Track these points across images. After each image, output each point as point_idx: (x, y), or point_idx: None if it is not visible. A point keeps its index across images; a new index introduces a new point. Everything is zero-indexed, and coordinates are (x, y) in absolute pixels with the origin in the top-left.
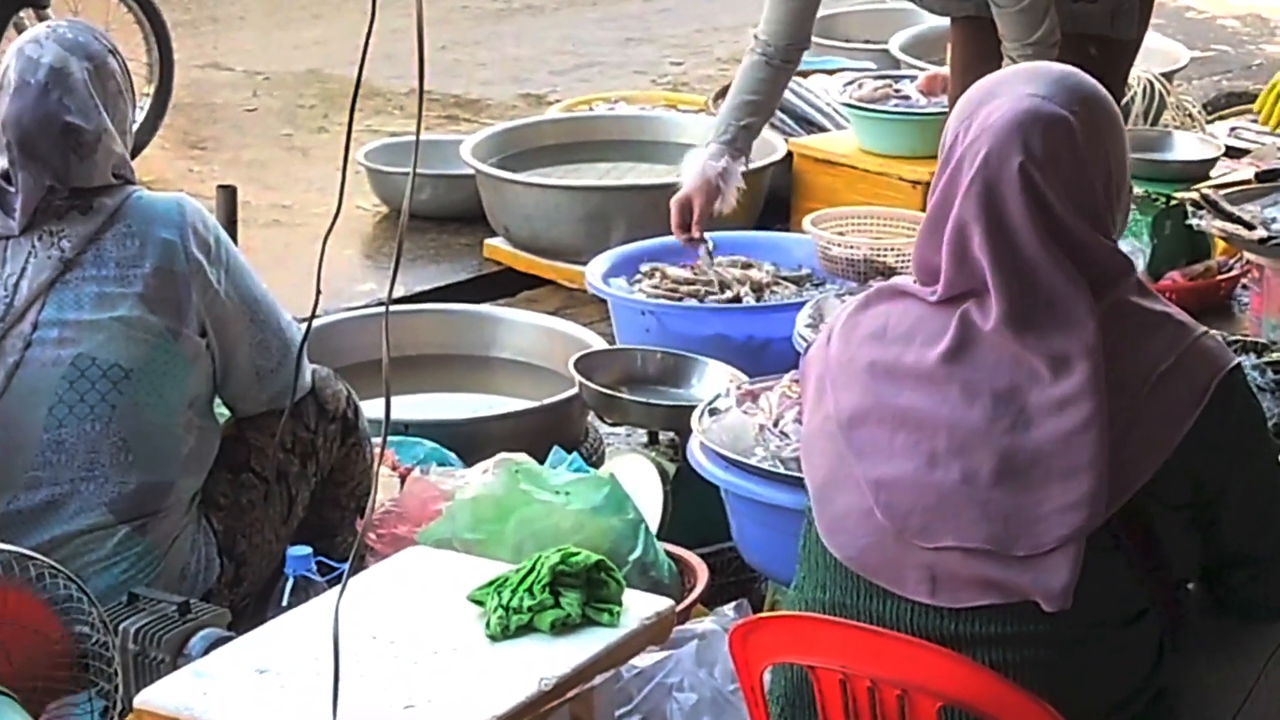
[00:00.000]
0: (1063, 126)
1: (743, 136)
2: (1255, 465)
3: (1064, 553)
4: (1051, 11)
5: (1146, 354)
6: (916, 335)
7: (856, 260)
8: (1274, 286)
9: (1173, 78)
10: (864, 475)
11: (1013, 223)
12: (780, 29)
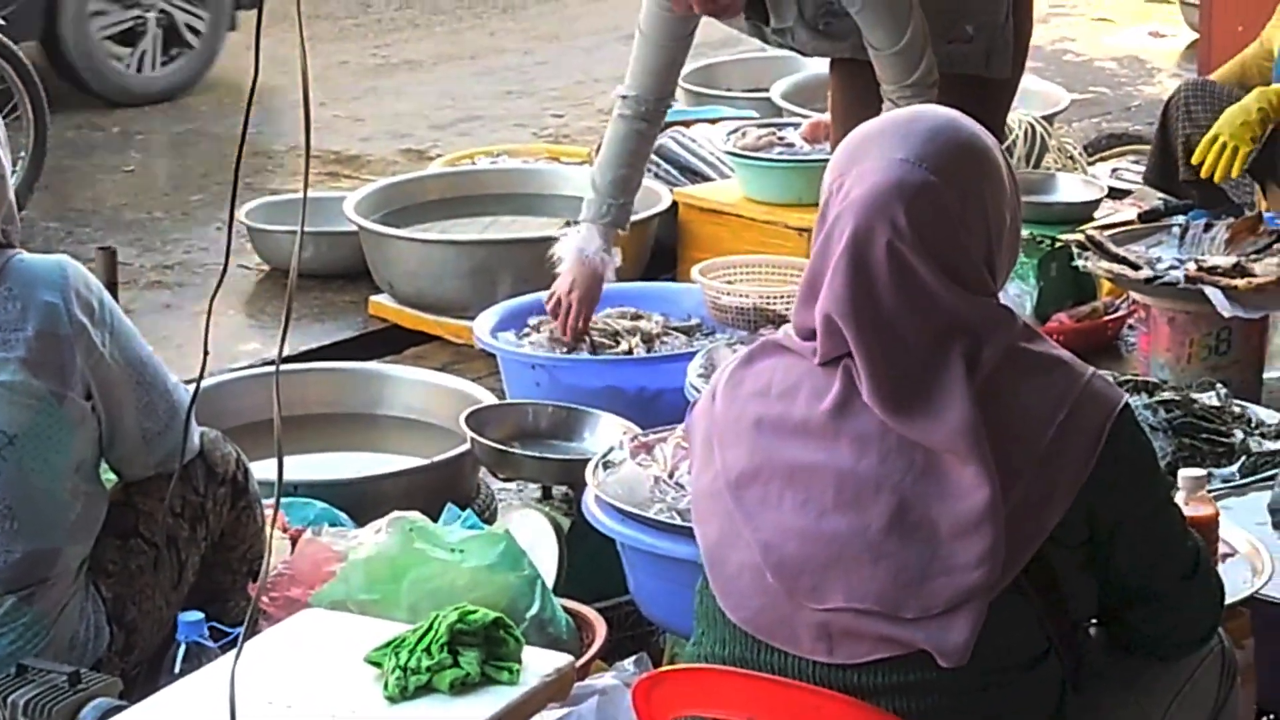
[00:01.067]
0: (931, 194)
1: (621, 215)
2: (1148, 502)
3: (960, 613)
4: (928, 53)
5: (1042, 402)
6: (802, 390)
7: (746, 309)
8: (1161, 326)
9: (1053, 120)
10: (753, 536)
11: (882, 302)
12: (649, 81)
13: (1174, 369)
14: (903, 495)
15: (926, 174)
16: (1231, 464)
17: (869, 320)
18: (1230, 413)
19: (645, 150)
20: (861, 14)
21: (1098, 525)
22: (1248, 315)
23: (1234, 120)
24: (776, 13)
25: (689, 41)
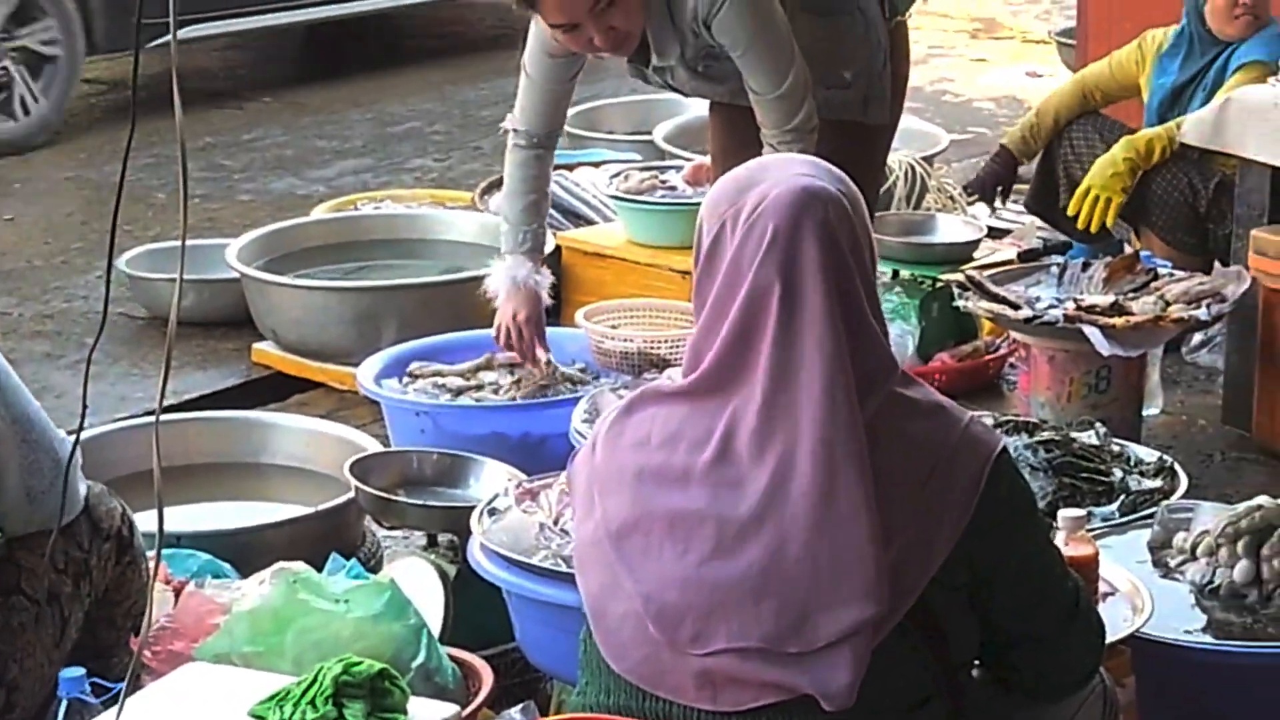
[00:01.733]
0: (840, 204)
1: (538, 239)
2: (1027, 544)
3: (842, 651)
4: (809, 98)
5: (922, 446)
6: (682, 438)
7: (631, 353)
8: (1041, 365)
9: (933, 161)
10: (635, 587)
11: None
12: (537, 119)
13: (1054, 408)
14: (784, 533)
15: (830, 187)
16: (1111, 503)
17: (792, 295)
18: (1109, 451)
19: (547, 174)
20: (743, 59)
21: (978, 567)
22: (1125, 354)
23: (1104, 172)
24: (659, 51)
25: (573, 85)
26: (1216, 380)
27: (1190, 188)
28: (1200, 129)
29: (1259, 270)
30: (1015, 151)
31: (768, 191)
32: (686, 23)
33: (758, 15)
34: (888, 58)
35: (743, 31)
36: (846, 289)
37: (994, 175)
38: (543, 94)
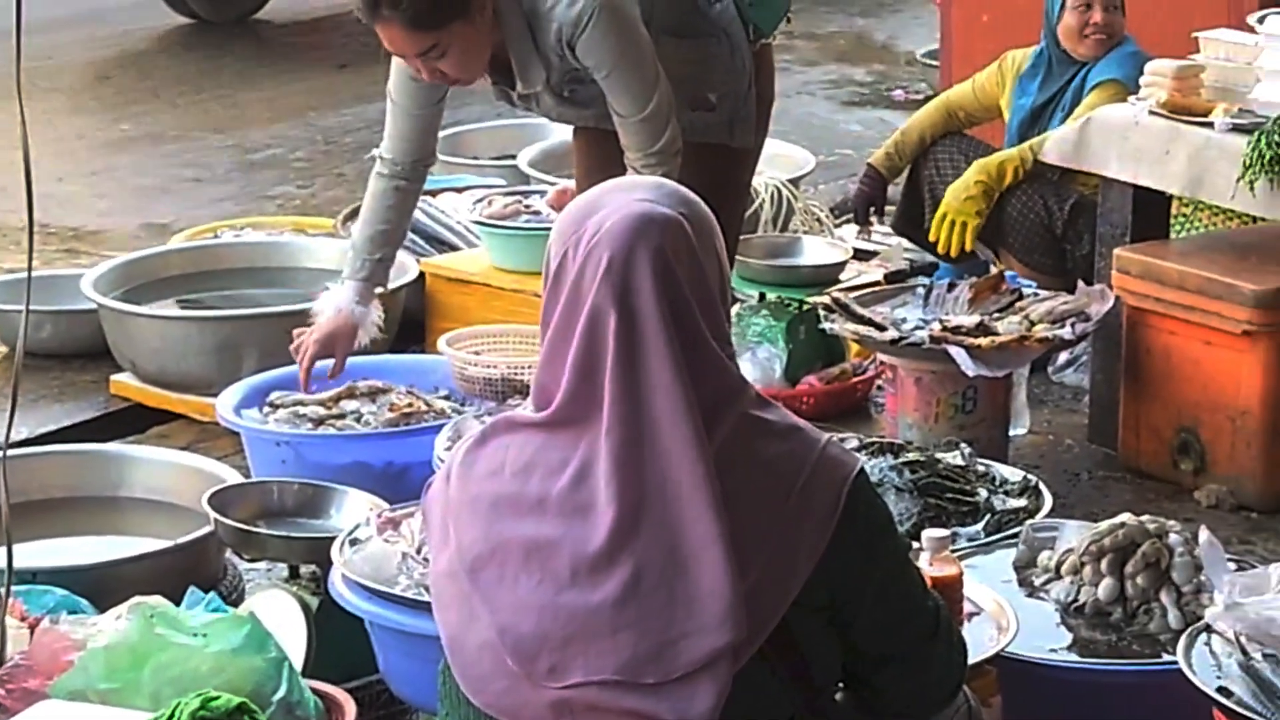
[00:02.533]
0: (679, 226)
1: (378, 271)
2: (886, 565)
3: (702, 680)
4: (673, 121)
5: (779, 469)
6: (537, 467)
7: (494, 379)
8: (908, 386)
9: (799, 183)
10: (491, 619)
11: (646, 331)
12: (405, 146)
13: (922, 429)
14: (639, 563)
15: (670, 210)
16: (977, 523)
17: (630, 326)
18: (975, 471)
19: (406, 207)
20: (607, 80)
21: (837, 589)
22: (991, 374)
23: (958, 196)
24: (524, 78)
25: (441, 108)
26: (1083, 399)
27: (1046, 209)
28: (1062, 148)
29: (1122, 289)
30: (882, 170)
31: (606, 219)
32: (550, 46)
33: (622, 37)
34: (753, 80)
35: (607, 53)
36: (685, 314)
37: (864, 196)
38: (409, 119)
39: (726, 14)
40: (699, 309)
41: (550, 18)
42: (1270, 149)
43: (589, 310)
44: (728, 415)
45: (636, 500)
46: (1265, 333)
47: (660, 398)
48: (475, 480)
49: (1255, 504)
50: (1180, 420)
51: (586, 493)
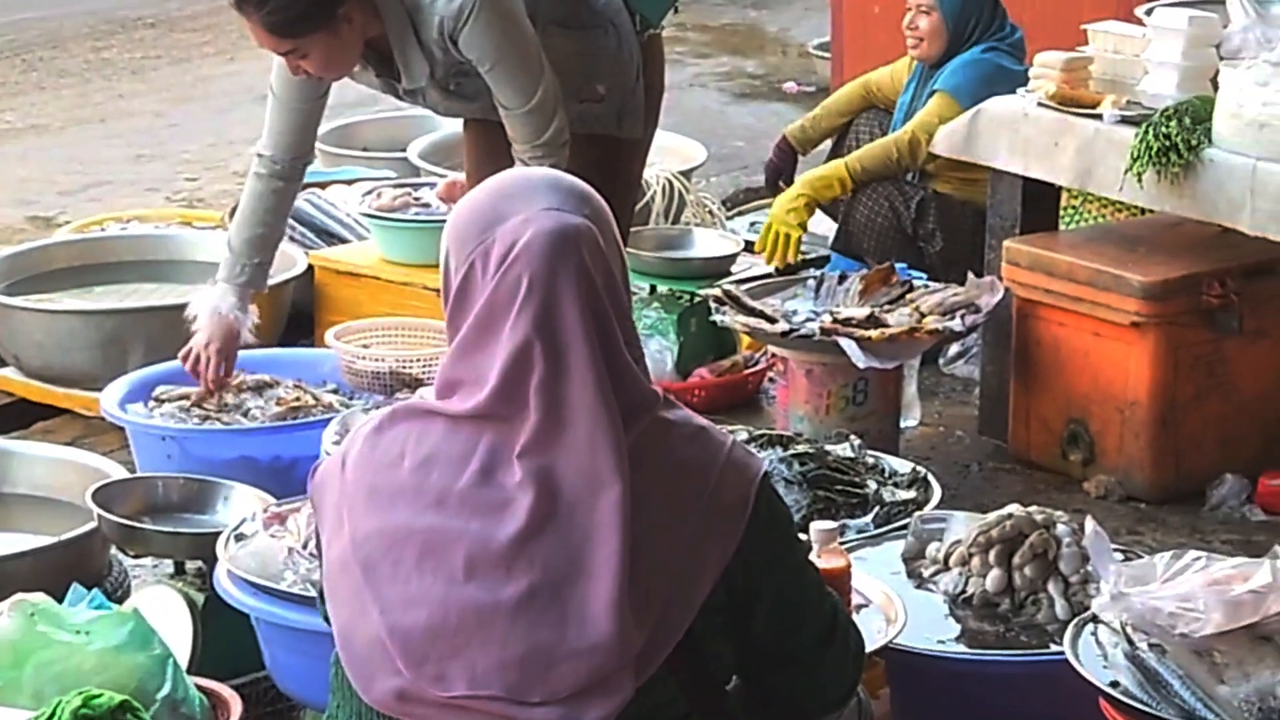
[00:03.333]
0: (592, 237)
1: (258, 275)
2: (786, 567)
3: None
4: (560, 113)
5: (688, 474)
6: (440, 457)
7: (382, 373)
8: (799, 378)
9: (691, 175)
10: (381, 617)
11: (570, 353)
12: (286, 141)
13: (813, 421)
14: (538, 572)
15: (580, 218)
16: (866, 515)
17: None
18: (864, 463)
19: (284, 209)
20: (492, 73)
21: (737, 590)
22: (882, 366)
23: (783, 208)
24: (408, 73)
25: (323, 102)
26: (973, 391)
27: (893, 209)
28: (951, 140)
29: (1012, 281)
30: (795, 141)
31: (519, 232)
32: (433, 40)
33: (505, 29)
34: (641, 71)
35: (490, 46)
36: (606, 330)
37: (774, 167)
38: (290, 113)
39: (613, 5)
40: (615, 317)
41: (432, 11)
42: (1157, 141)
43: (515, 335)
44: (641, 423)
45: (547, 514)
46: (1153, 324)
47: (582, 422)
48: (373, 468)
49: (1143, 494)
50: (1069, 411)
51: (492, 491)
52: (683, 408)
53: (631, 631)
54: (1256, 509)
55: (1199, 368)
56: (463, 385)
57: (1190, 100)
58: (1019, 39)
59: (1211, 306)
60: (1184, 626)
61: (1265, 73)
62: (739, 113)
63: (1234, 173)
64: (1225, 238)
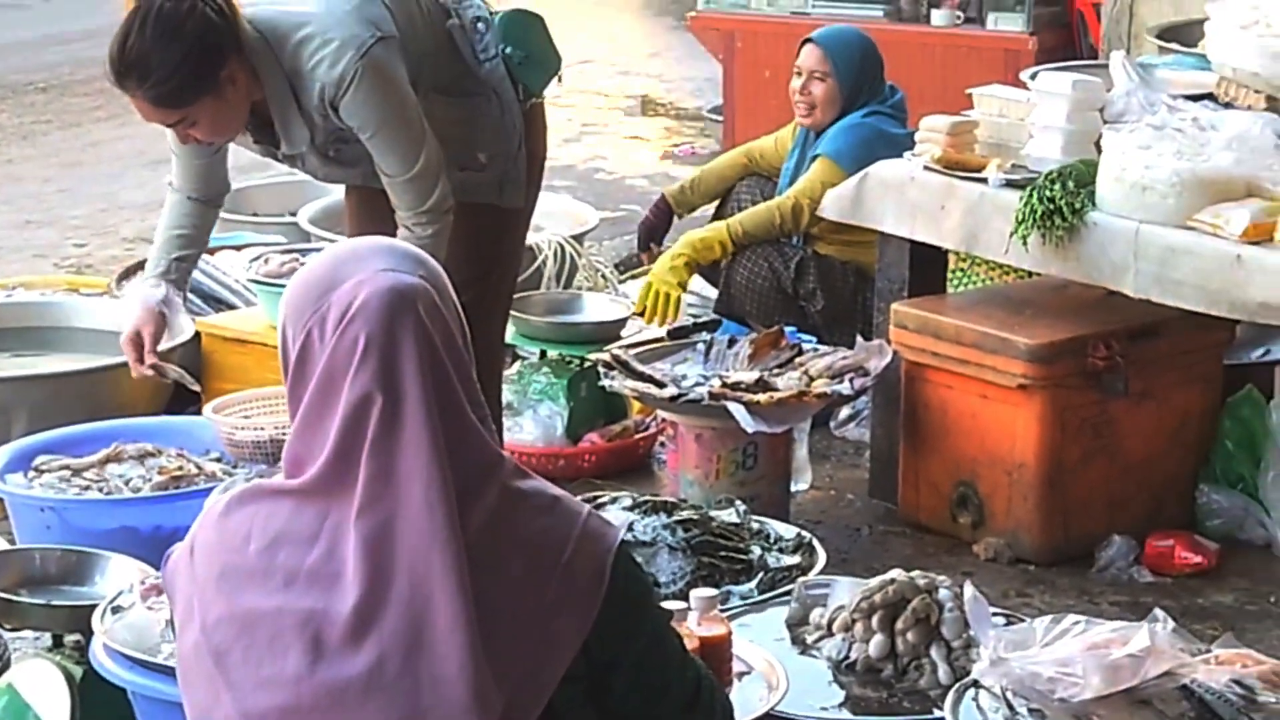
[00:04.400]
0: (428, 296)
1: (178, 269)
2: (645, 635)
3: None
4: (443, 179)
5: (542, 545)
6: (286, 537)
7: (263, 442)
8: (689, 443)
9: (583, 239)
10: (233, 704)
11: (406, 410)
12: (195, 184)
13: (703, 486)
14: (385, 643)
15: (417, 279)
16: (750, 580)
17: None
18: (749, 529)
19: (202, 222)
20: (373, 141)
21: (596, 660)
22: (771, 430)
23: (663, 268)
24: (288, 139)
25: (222, 153)
26: (864, 454)
27: (772, 270)
28: (839, 204)
29: (900, 344)
30: (673, 202)
31: (355, 294)
32: (314, 106)
33: (386, 96)
34: (523, 140)
35: (371, 113)
36: (446, 389)
37: (648, 224)
38: (191, 166)
39: (496, 73)
40: (457, 378)
41: (313, 78)
42: (1042, 204)
43: (348, 394)
44: (487, 490)
45: (384, 581)
46: (1039, 386)
47: (415, 482)
48: (221, 553)
49: (1032, 557)
50: (958, 474)
51: (336, 567)
52: (536, 477)
53: (491, 693)
54: (1144, 570)
55: (1086, 430)
56: (307, 459)
57: (1074, 164)
58: (900, 100)
59: (1098, 369)
60: (1063, 691)
61: (1148, 136)
62: (634, 175)
63: (1117, 236)
64: (1111, 300)
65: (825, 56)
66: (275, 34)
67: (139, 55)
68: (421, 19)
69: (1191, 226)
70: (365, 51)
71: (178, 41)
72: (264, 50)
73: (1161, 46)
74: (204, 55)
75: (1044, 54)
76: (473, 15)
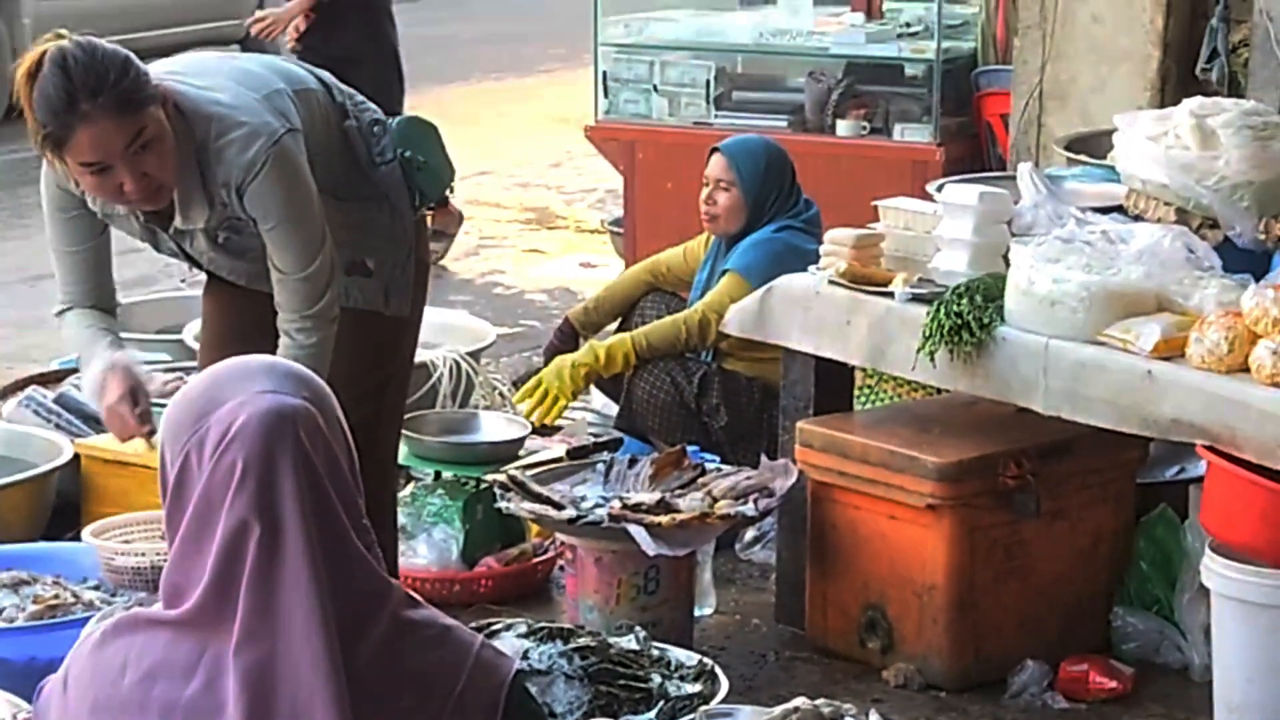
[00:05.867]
0: (311, 418)
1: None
2: None
3: None
4: (335, 284)
5: (434, 680)
6: (163, 669)
7: (143, 568)
8: (588, 567)
9: (480, 356)
10: None
11: (286, 538)
12: (83, 289)
13: (603, 611)
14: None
15: (298, 401)
16: (650, 710)
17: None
18: (649, 656)
19: (112, 326)
20: (273, 233)
21: None
22: (673, 553)
23: (560, 371)
24: (184, 214)
25: (105, 241)
26: (770, 577)
27: (674, 384)
28: (743, 319)
29: (806, 463)
30: (576, 324)
31: (234, 415)
32: (217, 188)
33: (293, 189)
34: (413, 248)
35: (275, 204)
36: (328, 517)
37: (553, 349)
38: (74, 258)
39: (391, 178)
40: (341, 504)
41: (221, 159)
42: (949, 319)
43: (225, 521)
44: (374, 622)
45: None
46: (949, 506)
47: (296, 615)
48: (95, 685)
49: (943, 682)
50: (867, 597)
51: (216, 701)
52: (427, 606)
53: None
54: (1059, 696)
55: (997, 550)
56: (185, 589)
57: (982, 278)
58: (815, 215)
59: (1008, 488)
60: None
61: (1056, 249)
62: (533, 290)
63: (1026, 351)
64: (1021, 417)
65: (730, 165)
66: (186, 105)
67: (85, 70)
68: (320, 117)
69: (1102, 341)
70: (276, 140)
71: (111, 51)
72: (175, 116)
73: (1070, 158)
74: (136, 64)
75: (951, 165)
76: (369, 118)
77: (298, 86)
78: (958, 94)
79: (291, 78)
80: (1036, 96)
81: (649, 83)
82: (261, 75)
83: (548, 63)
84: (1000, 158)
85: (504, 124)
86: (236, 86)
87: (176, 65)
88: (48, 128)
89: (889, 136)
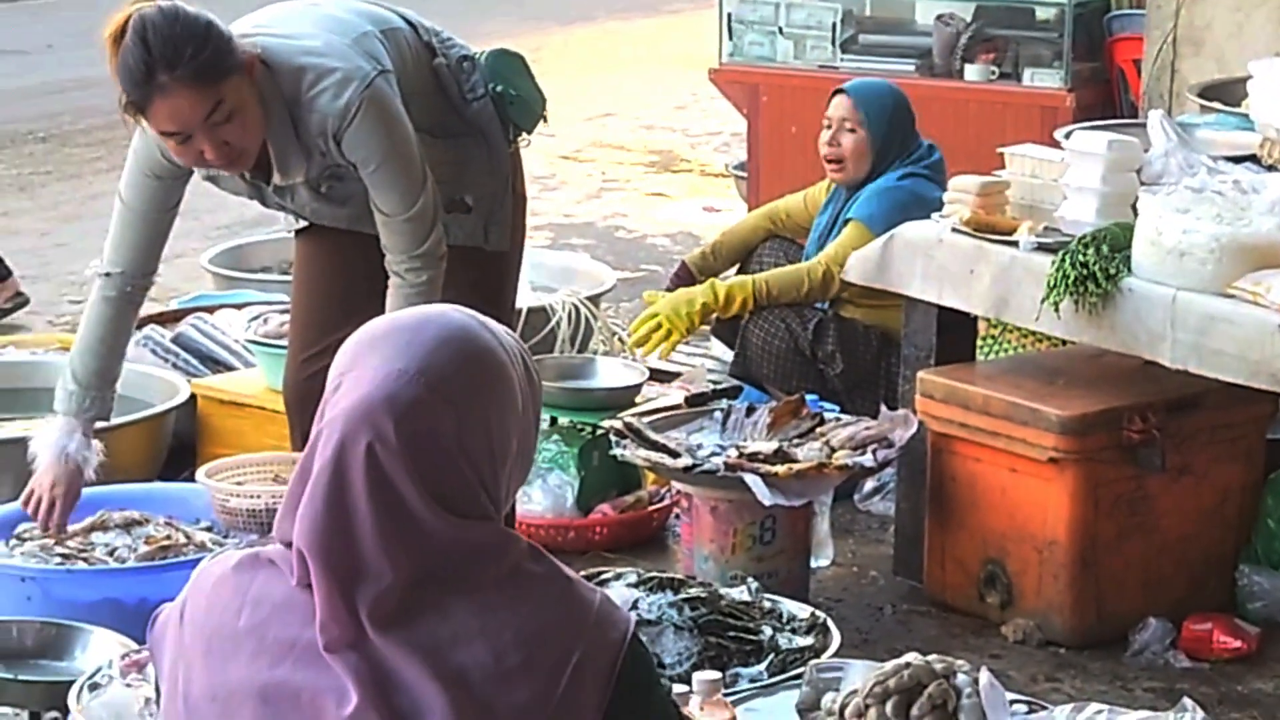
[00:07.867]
0: (424, 412)
1: (104, 405)
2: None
3: None
4: (439, 223)
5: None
6: (284, 608)
7: (258, 510)
8: (704, 516)
9: (599, 300)
10: None
11: (356, 532)
12: (133, 255)
13: (718, 561)
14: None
15: (423, 390)
16: (760, 662)
17: (339, 555)
18: (760, 608)
19: (128, 332)
20: (374, 175)
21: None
22: (789, 503)
23: (676, 306)
24: (282, 169)
25: (174, 213)
26: (889, 529)
27: (789, 332)
28: (864, 267)
29: (926, 414)
30: (694, 269)
31: (351, 389)
32: (313, 139)
33: (391, 131)
34: (511, 183)
35: (375, 147)
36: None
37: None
38: (141, 222)
39: (484, 114)
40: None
41: (313, 108)
42: (1075, 269)
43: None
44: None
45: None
46: (1072, 460)
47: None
48: (214, 618)
49: (1063, 639)
50: (986, 551)
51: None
52: (550, 558)
53: None
54: (1181, 655)
55: (1121, 506)
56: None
57: (1109, 227)
58: (938, 161)
59: (1133, 442)
60: None
61: (1186, 199)
62: (656, 234)
63: (1153, 303)
64: (1147, 370)
65: (856, 106)
66: (274, 59)
67: (164, 40)
68: (411, 58)
69: (1231, 294)
70: (369, 83)
71: (193, 19)
72: (263, 73)
73: (1203, 105)
74: (220, 32)
75: (1082, 111)
76: (458, 54)
77: (385, 27)
78: (1089, 38)
79: (377, 19)
80: (1170, 42)
81: (774, 25)
82: (348, 20)
83: (675, 3)
84: (1132, 104)
85: (629, 65)
86: (325, 34)
87: (262, 18)
88: (129, 96)
89: (1018, 82)
